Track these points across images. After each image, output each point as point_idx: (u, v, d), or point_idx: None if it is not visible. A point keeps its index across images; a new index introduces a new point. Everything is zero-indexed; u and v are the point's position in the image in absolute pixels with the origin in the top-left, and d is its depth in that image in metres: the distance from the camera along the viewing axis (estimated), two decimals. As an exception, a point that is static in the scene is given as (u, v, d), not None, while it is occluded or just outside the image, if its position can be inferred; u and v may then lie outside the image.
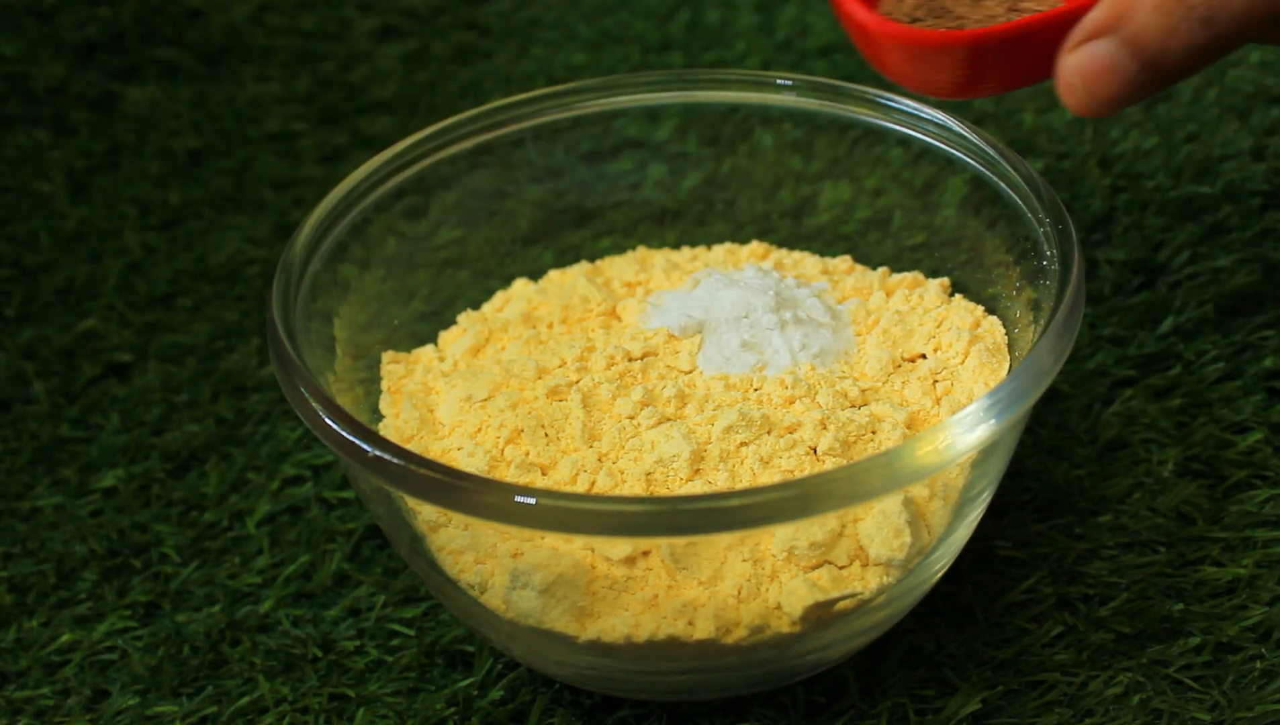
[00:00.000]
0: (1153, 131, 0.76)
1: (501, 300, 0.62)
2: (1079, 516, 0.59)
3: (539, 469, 0.52)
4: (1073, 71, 0.47)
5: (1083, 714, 0.52)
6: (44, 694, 0.56)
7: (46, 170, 0.82)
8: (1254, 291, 0.66)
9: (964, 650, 0.54)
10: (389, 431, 0.55)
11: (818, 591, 0.49)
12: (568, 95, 0.62)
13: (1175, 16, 0.45)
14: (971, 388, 0.53)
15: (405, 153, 0.60)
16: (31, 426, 0.67)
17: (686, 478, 0.51)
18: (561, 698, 0.54)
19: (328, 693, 0.55)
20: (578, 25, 0.91)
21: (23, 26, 0.90)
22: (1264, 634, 0.54)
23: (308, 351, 0.53)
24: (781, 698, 0.54)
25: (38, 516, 0.63)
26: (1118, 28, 0.46)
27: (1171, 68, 0.46)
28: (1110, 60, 0.47)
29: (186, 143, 0.84)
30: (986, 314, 0.57)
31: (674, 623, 0.49)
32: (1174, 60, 0.46)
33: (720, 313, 0.57)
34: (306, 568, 0.60)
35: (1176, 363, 0.64)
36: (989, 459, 0.51)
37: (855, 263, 0.62)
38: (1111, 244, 0.70)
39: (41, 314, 0.73)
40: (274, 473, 0.64)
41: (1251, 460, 0.60)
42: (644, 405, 0.53)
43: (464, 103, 0.85)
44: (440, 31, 0.92)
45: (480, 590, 0.51)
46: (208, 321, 0.72)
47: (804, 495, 0.45)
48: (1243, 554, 0.57)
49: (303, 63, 0.89)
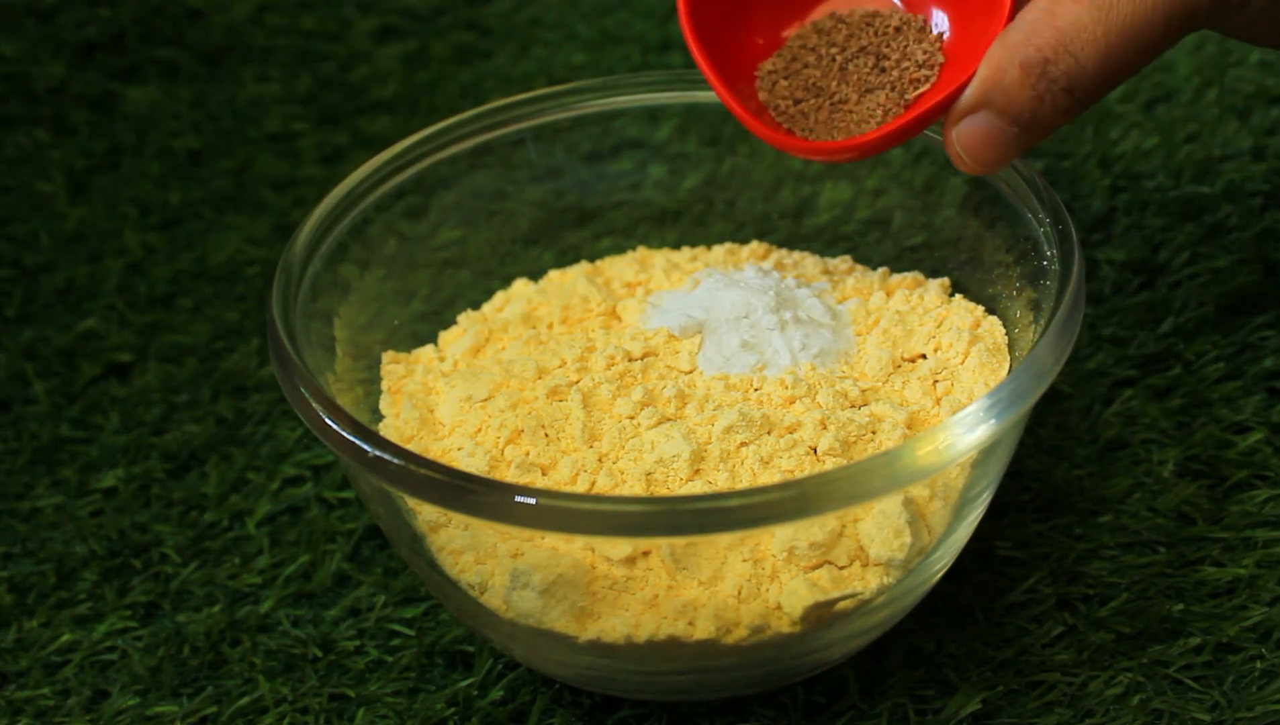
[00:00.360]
0: (1153, 131, 0.76)
1: (501, 300, 0.62)
2: (1079, 517, 0.59)
3: (539, 469, 0.52)
4: (958, 143, 0.52)
5: (1083, 714, 0.52)
6: (44, 694, 0.56)
7: (46, 170, 0.82)
8: (1254, 291, 0.66)
9: (964, 650, 0.54)
10: (389, 432, 0.55)
11: (818, 592, 0.49)
12: (568, 95, 0.62)
13: (1040, 89, 0.50)
14: (972, 388, 0.53)
15: (405, 153, 0.60)
16: (31, 426, 0.67)
17: (686, 478, 0.51)
18: (562, 698, 0.54)
19: (328, 693, 0.55)
20: (578, 25, 0.91)
21: (23, 26, 0.90)
22: (1264, 634, 0.54)
23: (308, 352, 0.53)
24: (781, 698, 0.54)
25: (38, 516, 0.63)
26: (990, 102, 0.50)
27: (1044, 127, 0.51)
28: (989, 130, 0.51)
29: (186, 143, 0.84)
30: (987, 314, 0.57)
31: (674, 623, 0.49)
32: (1045, 122, 0.50)
33: (720, 313, 0.57)
34: (306, 568, 0.60)
35: (1177, 363, 0.64)
36: (989, 459, 0.50)
37: (855, 263, 0.62)
38: (1112, 244, 0.70)
39: (42, 314, 0.73)
40: (274, 473, 0.64)
41: (1252, 460, 0.60)
42: (644, 405, 0.53)
43: (464, 103, 0.85)
44: (440, 31, 0.92)
45: (480, 590, 0.51)
46: (208, 322, 0.72)
47: (804, 495, 0.45)
48: (1243, 554, 0.57)
49: (303, 63, 0.89)
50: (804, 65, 0.55)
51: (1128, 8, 0.49)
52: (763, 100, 0.55)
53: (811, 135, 0.54)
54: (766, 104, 0.55)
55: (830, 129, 0.54)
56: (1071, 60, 0.49)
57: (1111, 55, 0.49)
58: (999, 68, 0.50)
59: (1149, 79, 0.79)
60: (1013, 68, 0.50)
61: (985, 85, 0.50)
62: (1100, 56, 0.49)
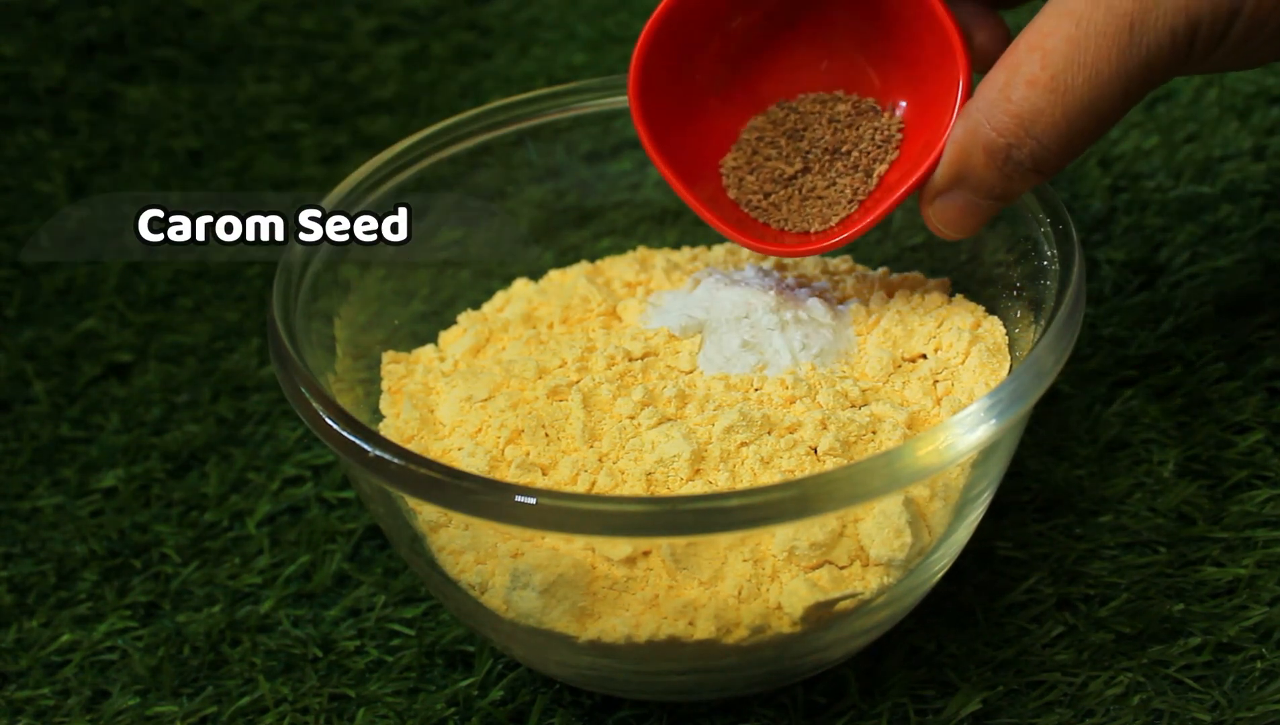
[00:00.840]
0: (1153, 131, 0.76)
1: (502, 300, 0.62)
2: (1079, 517, 0.59)
3: (539, 469, 0.52)
4: (936, 219, 0.53)
5: (1083, 714, 0.52)
6: (44, 694, 0.56)
7: (46, 170, 0.82)
8: (1254, 291, 0.66)
9: (964, 650, 0.54)
10: (389, 431, 0.55)
11: (818, 592, 0.49)
12: (568, 95, 0.62)
13: (1007, 169, 0.51)
14: (972, 388, 0.53)
15: (405, 153, 0.60)
16: (32, 426, 0.67)
17: (687, 478, 0.51)
18: (562, 698, 0.54)
19: (328, 693, 0.55)
20: (578, 25, 0.91)
21: (23, 26, 0.90)
22: (1264, 634, 0.54)
23: (308, 351, 0.53)
24: (782, 698, 0.54)
25: (38, 517, 0.63)
26: (962, 182, 0.52)
27: (1019, 193, 0.52)
28: (964, 204, 0.53)
29: (186, 143, 0.84)
30: (987, 314, 0.57)
31: (674, 623, 0.49)
32: (1019, 190, 0.52)
33: (721, 313, 0.57)
34: (307, 568, 0.60)
35: (1177, 363, 0.64)
36: (989, 459, 0.50)
37: (856, 263, 0.62)
38: (1112, 244, 0.70)
39: (42, 314, 0.73)
40: (274, 473, 0.64)
41: (1252, 460, 0.60)
42: (644, 405, 0.53)
43: (464, 103, 0.85)
44: (440, 31, 0.92)
45: (480, 590, 0.51)
46: (208, 321, 0.72)
47: (804, 495, 0.45)
48: (1243, 554, 0.57)
49: (303, 63, 0.89)
50: (765, 158, 0.57)
51: (1084, 87, 0.49)
52: (733, 198, 0.57)
53: (787, 225, 0.56)
54: (738, 201, 0.57)
55: (804, 217, 0.56)
56: (1034, 143, 0.50)
57: (1073, 132, 0.50)
58: (964, 150, 0.51)
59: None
60: (977, 151, 0.51)
61: (953, 169, 0.52)
62: (1061, 137, 0.50)
